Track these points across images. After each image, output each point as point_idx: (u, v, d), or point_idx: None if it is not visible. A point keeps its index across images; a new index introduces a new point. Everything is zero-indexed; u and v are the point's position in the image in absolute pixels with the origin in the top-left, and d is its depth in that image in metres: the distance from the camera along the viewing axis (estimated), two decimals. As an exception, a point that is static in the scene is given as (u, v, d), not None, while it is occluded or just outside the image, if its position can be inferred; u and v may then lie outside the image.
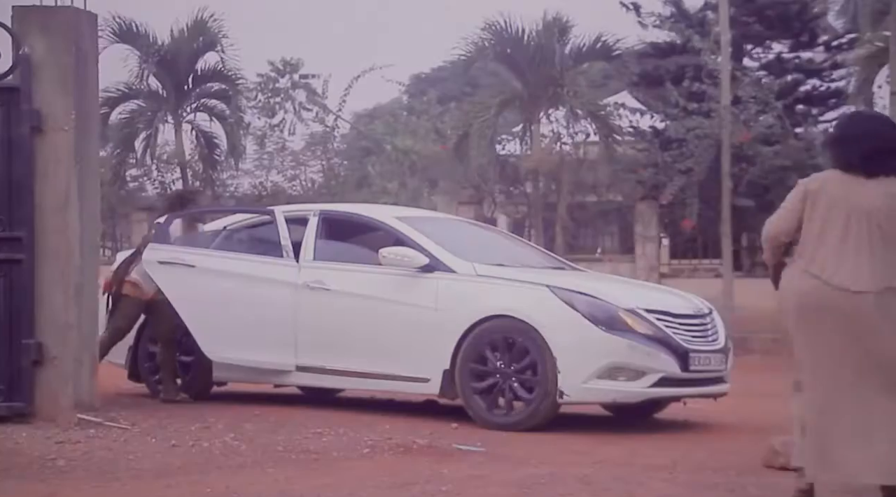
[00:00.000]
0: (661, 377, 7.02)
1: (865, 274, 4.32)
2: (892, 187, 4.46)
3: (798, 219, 4.51)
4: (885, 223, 4.40)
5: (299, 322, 7.60)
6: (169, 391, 7.96)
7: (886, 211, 4.41)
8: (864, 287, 4.29)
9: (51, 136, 6.72)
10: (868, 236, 4.38)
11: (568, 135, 17.60)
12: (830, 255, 4.37)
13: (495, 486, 5.31)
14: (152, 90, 18.88)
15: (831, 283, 4.33)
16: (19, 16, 6.77)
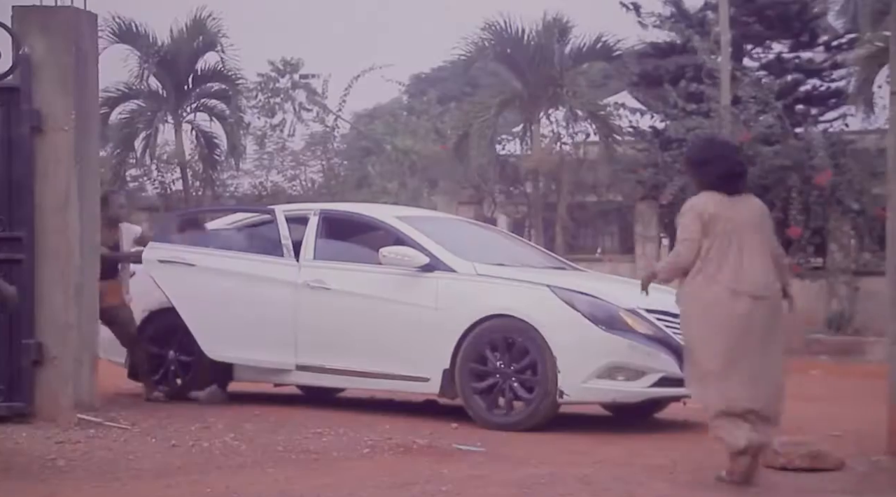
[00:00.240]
0: (661, 377, 7.02)
1: (761, 279, 5.37)
2: (752, 203, 5.48)
3: (700, 241, 5.31)
4: (760, 234, 5.41)
5: (299, 321, 7.60)
6: (147, 389, 7.98)
7: (758, 223, 5.43)
8: (761, 292, 5.36)
9: (51, 136, 6.72)
10: (755, 246, 5.36)
11: (568, 135, 17.61)
12: (733, 265, 5.29)
13: (495, 486, 5.31)
14: (152, 90, 18.87)
15: (739, 290, 5.30)
16: (19, 16, 6.77)
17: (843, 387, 10.88)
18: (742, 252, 5.31)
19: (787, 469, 5.76)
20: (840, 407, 8.87)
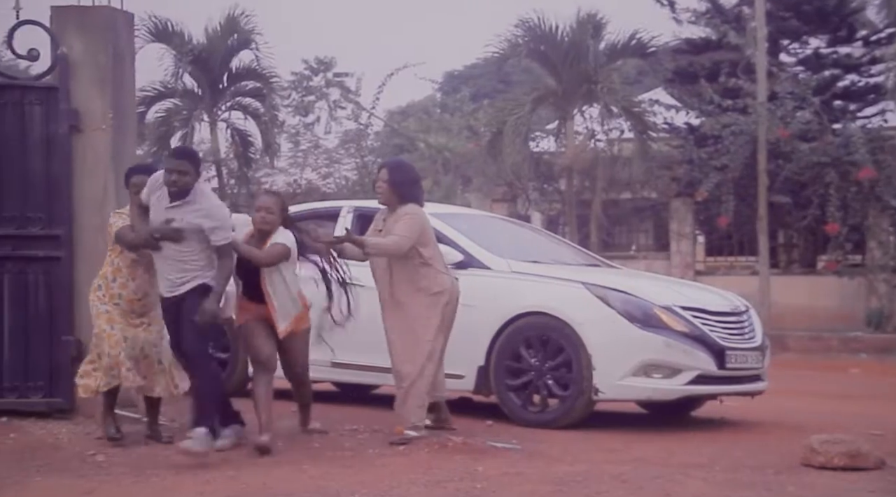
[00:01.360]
0: (697, 375, 6.99)
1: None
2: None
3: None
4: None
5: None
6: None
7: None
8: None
9: (88, 135, 6.78)
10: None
11: (602, 131, 17.54)
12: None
13: (530, 483, 5.30)
14: (188, 89, 19.00)
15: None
16: (57, 16, 6.83)
17: (883, 385, 10.77)
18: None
19: (825, 468, 5.71)
20: (880, 405, 8.78)
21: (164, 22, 18.22)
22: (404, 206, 6.40)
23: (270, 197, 6.26)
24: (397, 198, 6.43)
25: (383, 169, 6.54)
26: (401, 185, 6.44)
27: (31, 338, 6.67)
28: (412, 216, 6.35)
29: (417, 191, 6.55)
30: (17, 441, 6.08)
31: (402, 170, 6.62)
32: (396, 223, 6.36)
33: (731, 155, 15.69)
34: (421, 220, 6.39)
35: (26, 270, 6.71)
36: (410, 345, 6.31)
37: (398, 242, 6.27)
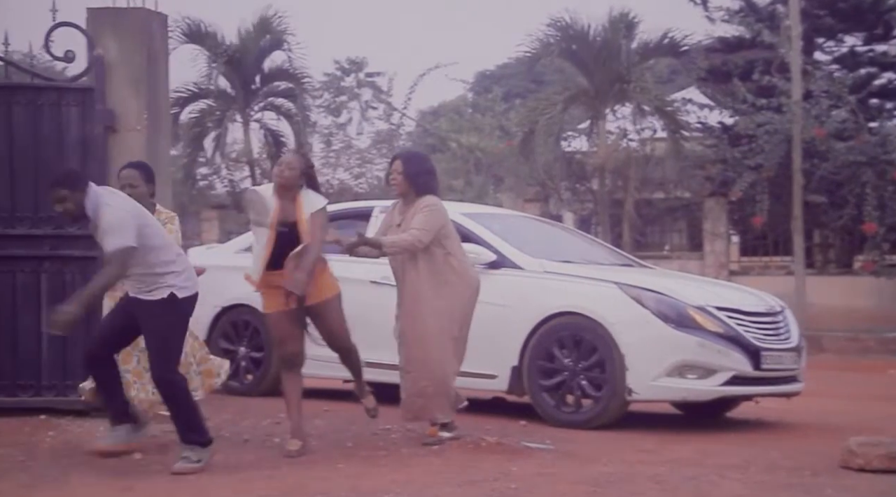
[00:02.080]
0: (732, 375, 6.94)
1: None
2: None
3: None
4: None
5: (366, 317, 7.62)
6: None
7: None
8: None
9: (124, 136, 6.83)
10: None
11: (635, 131, 17.46)
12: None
13: (565, 483, 5.28)
14: (221, 89, 19.12)
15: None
16: (93, 17, 6.88)
17: (922, 386, 10.62)
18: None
19: (864, 470, 5.65)
20: (918, 407, 8.66)
21: (198, 23, 18.35)
22: (422, 199, 6.21)
23: (293, 154, 6.24)
24: (413, 189, 6.25)
25: (397, 160, 6.39)
26: (415, 176, 6.25)
27: (69, 337, 6.72)
28: (431, 208, 6.17)
29: (433, 182, 6.35)
30: (55, 439, 6.13)
31: (416, 160, 6.47)
32: (415, 216, 6.18)
33: (766, 154, 15.56)
34: (441, 213, 6.22)
35: (63, 270, 6.77)
36: (437, 341, 6.19)
37: (417, 236, 6.10)
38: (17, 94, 6.82)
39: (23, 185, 6.73)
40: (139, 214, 5.35)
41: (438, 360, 6.22)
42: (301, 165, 5.97)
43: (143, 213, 5.41)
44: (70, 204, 5.26)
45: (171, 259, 5.37)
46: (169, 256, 5.37)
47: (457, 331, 6.24)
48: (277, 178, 5.91)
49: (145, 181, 6.00)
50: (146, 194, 5.98)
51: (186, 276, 5.45)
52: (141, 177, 5.98)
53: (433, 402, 6.24)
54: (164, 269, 5.33)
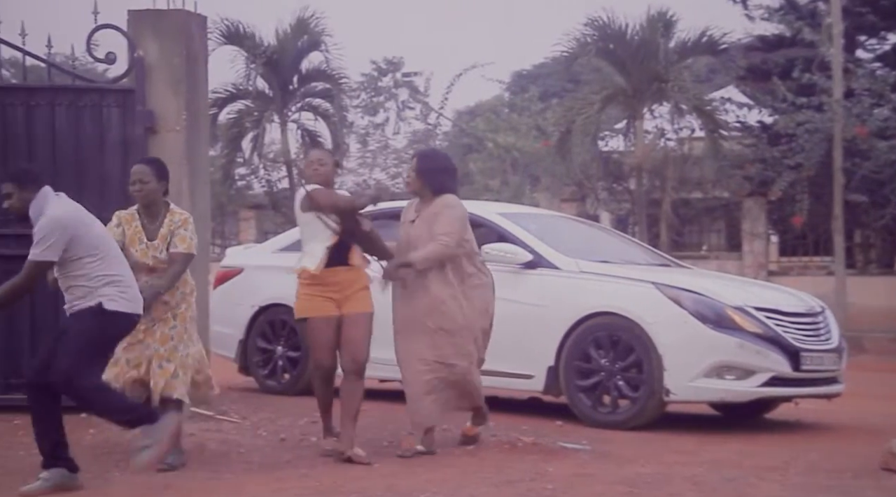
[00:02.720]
0: (771, 376, 6.89)
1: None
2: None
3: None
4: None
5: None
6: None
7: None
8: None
9: (163, 137, 6.89)
10: None
11: (672, 130, 17.37)
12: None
13: (601, 484, 5.27)
14: (259, 90, 19.25)
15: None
16: (134, 19, 6.95)
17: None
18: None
19: (905, 473, 5.58)
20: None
21: (236, 24, 18.49)
22: (440, 198, 6.00)
23: (321, 150, 6.22)
24: (428, 188, 6.03)
25: (414, 158, 6.29)
26: (428, 174, 6.02)
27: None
28: (453, 210, 5.97)
29: (449, 180, 6.13)
30: (95, 437, 6.20)
31: (431, 158, 6.31)
32: (437, 217, 5.94)
33: (806, 153, 15.41)
34: (462, 212, 6.04)
35: (104, 269, 6.82)
36: (463, 338, 5.98)
37: (446, 242, 5.88)
38: (59, 95, 6.90)
39: (64, 186, 6.74)
40: (78, 225, 4.94)
41: (461, 356, 6.00)
42: (332, 159, 5.99)
43: (82, 223, 4.98)
44: (15, 201, 5.02)
45: (112, 273, 4.97)
46: (110, 270, 4.97)
47: (487, 324, 6.14)
48: (314, 176, 5.87)
49: (157, 178, 5.62)
50: (156, 191, 5.61)
51: (122, 292, 4.98)
52: (152, 173, 5.62)
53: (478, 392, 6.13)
54: (100, 282, 4.94)
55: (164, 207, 5.67)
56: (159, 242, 5.59)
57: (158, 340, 5.58)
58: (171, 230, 5.60)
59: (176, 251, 5.57)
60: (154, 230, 5.61)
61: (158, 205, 5.64)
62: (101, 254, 4.97)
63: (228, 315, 8.35)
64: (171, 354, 5.58)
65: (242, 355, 8.47)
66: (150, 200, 5.61)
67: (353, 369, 5.84)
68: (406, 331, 6.02)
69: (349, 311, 5.81)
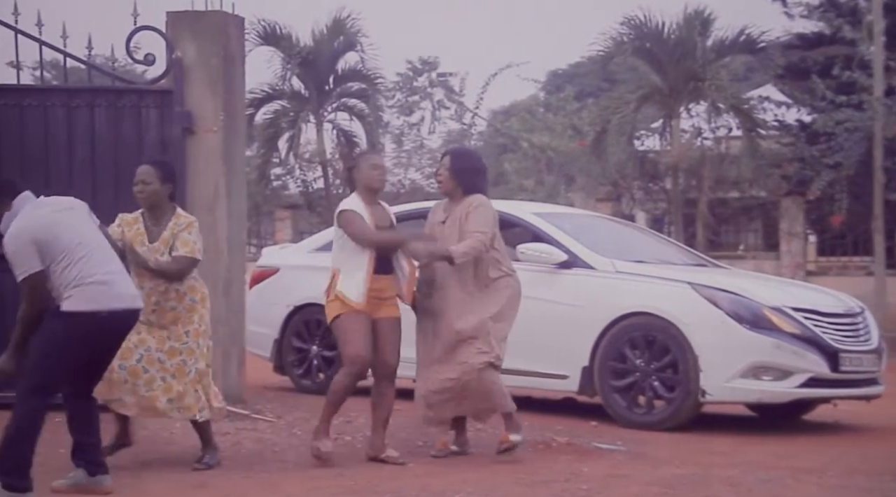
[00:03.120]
0: (809, 377, 6.83)
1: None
2: None
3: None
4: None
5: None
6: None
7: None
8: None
9: (201, 137, 6.95)
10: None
11: (709, 129, 17.24)
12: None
13: (637, 485, 5.25)
14: (295, 91, 19.33)
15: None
16: (172, 21, 7.02)
17: None
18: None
19: (945, 476, 5.51)
20: None
21: (273, 25, 18.58)
22: (470, 197, 5.90)
23: (377, 154, 6.14)
24: (460, 187, 5.93)
25: (446, 156, 6.19)
26: (461, 173, 5.92)
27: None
28: (485, 207, 5.88)
29: (481, 180, 6.03)
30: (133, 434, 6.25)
31: (464, 157, 6.15)
32: (468, 217, 5.86)
33: (845, 152, 15.23)
34: (493, 210, 5.95)
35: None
36: (479, 340, 5.80)
37: (482, 239, 5.81)
38: (99, 96, 6.98)
39: (104, 186, 6.89)
40: (38, 234, 4.70)
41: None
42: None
43: (45, 230, 4.73)
44: None
45: (79, 275, 4.73)
46: (78, 272, 4.72)
47: (510, 323, 5.94)
48: (376, 182, 5.81)
49: (161, 180, 5.44)
50: (159, 193, 5.44)
51: (85, 289, 4.73)
52: (156, 174, 5.44)
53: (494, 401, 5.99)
54: (66, 286, 4.73)
55: (170, 210, 5.52)
56: (160, 245, 5.41)
57: (167, 353, 5.41)
58: (174, 233, 5.43)
59: (177, 254, 5.39)
60: (157, 233, 5.45)
61: (163, 207, 5.48)
62: (66, 259, 4.73)
63: (264, 314, 8.41)
64: (177, 370, 5.41)
65: (277, 355, 8.52)
66: (153, 202, 5.45)
67: (385, 374, 5.84)
68: (423, 331, 5.96)
69: (382, 316, 5.79)
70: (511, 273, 5.99)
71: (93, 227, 4.98)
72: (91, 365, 4.92)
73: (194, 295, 5.53)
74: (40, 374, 4.73)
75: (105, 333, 4.87)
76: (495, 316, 5.87)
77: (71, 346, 4.76)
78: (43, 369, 4.73)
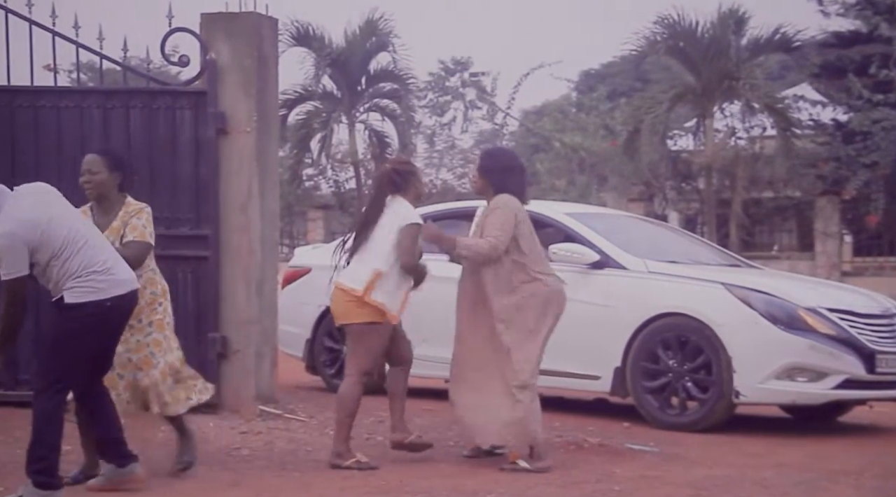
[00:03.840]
0: (844, 379, 6.76)
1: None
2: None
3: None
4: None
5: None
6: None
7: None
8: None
9: (234, 138, 6.98)
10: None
11: (743, 129, 17.14)
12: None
13: (669, 486, 5.22)
14: (327, 91, 19.42)
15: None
16: (206, 22, 7.05)
17: None
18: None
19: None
20: None
21: (306, 26, 18.68)
22: (495, 198, 5.70)
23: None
24: (491, 187, 5.73)
25: (480, 156, 6.13)
26: (489, 172, 5.74)
27: (180, 334, 6.87)
28: (502, 210, 5.62)
29: (508, 179, 5.74)
30: (167, 434, 6.29)
31: (493, 156, 5.98)
32: (487, 218, 5.69)
33: (882, 151, 15.09)
34: (511, 212, 5.63)
35: (175, 269, 6.93)
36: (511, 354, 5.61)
37: (493, 244, 5.56)
38: (134, 98, 7.03)
39: (138, 187, 6.90)
40: (32, 233, 4.60)
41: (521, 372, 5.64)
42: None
43: (38, 229, 4.63)
44: None
45: (78, 268, 4.67)
46: (77, 264, 4.67)
47: (527, 342, 5.60)
48: (423, 191, 5.92)
49: (109, 169, 5.18)
50: (107, 183, 5.18)
51: (85, 280, 4.68)
52: (104, 163, 5.19)
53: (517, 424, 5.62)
54: (65, 279, 4.67)
55: (120, 201, 5.25)
56: (110, 235, 5.11)
57: (133, 348, 5.18)
58: (124, 222, 5.17)
59: (127, 240, 5.13)
60: (105, 224, 5.17)
61: (111, 199, 5.20)
62: (68, 251, 4.67)
63: (296, 314, 8.44)
64: (144, 363, 5.19)
65: (309, 354, 8.55)
66: (101, 193, 5.19)
67: (401, 363, 5.87)
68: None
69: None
70: (541, 277, 5.69)
71: (79, 215, 4.94)
72: (98, 356, 4.88)
73: (154, 288, 5.28)
74: (54, 369, 4.70)
75: (110, 321, 4.83)
76: (517, 327, 5.61)
77: (80, 338, 4.71)
78: (55, 364, 4.70)
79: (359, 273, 5.67)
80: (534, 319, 5.64)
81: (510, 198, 5.71)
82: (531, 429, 5.54)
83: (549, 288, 5.72)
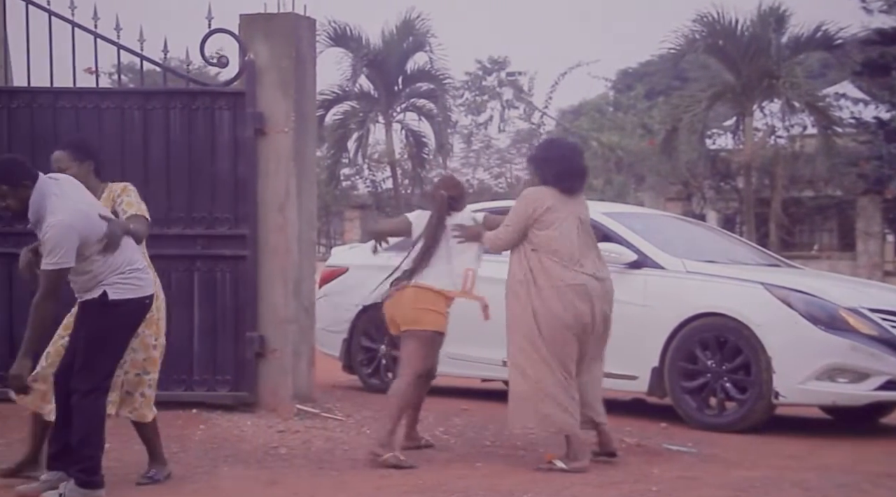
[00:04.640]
0: (886, 380, 6.68)
1: (591, 265, 5.72)
2: (583, 204, 5.83)
3: (526, 228, 5.63)
4: (588, 230, 5.81)
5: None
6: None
7: (586, 220, 5.80)
8: (599, 275, 5.75)
9: (272, 138, 7.02)
10: (587, 238, 5.76)
11: (783, 128, 16.99)
12: (575, 251, 5.64)
13: (707, 487, 5.19)
14: (364, 91, 19.48)
15: (585, 273, 5.65)
16: (245, 23, 7.10)
17: None
18: (579, 242, 5.71)
19: None
20: None
21: (343, 27, 18.76)
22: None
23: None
24: (536, 177, 5.80)
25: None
26: (530, 162, 5.86)
27: (219, 333, 6.97)
28: (519, 201, 5.68)
29: (545, 170, 5.70)
30: (205, 432, 6.36)
31: (538, 147, 6.15)
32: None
33: (925, 150, 14.90)
34: (523, 205, 5.60)
35: (214, 269, 7.00)
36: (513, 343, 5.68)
37: (496, 233, 5.71)
38: (173, 98, 7.10)
39: (178, 187, 7.01)
40: (86, 217, 4.62)
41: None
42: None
43: (89, 214, 4.65)
44: (12, 201, 4.60)
45: (118, 263, 4.68)
46: (117, 261, 4.67)
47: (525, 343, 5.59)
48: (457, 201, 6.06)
49: (78, 161, 5.07)
50: (80, 174, 5.00)
51: (128, 276, 4.70)
52: (70, 157, 5.07)
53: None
54: (105, 274, 4.66)
55: (100, 187, 5.12)
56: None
57: (133, 363, 5.02)
58: (112, 203, 5.06)
59: (129, 214, 4.99)
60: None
61: (92, 187, 5.02)
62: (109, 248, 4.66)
63: (333, 314, 8.47)
64: (150, 364, 5.08)
65: (346, 354, 8.58)
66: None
67: (434, 374, 6.15)
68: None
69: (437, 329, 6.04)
70: (557, 276, 5.59)
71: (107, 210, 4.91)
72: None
73: (157, 302, 5.07)
74: (100, 369, 4.66)
75: (141, 319, 4.84)
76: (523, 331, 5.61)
77: (121, 335, 4.74)
78: (100, 364, 4.67)
79: (448, 275, 5.88)
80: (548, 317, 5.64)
81: (535, 189, 5.71)
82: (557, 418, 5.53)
83: (568, 283, 5.59)
